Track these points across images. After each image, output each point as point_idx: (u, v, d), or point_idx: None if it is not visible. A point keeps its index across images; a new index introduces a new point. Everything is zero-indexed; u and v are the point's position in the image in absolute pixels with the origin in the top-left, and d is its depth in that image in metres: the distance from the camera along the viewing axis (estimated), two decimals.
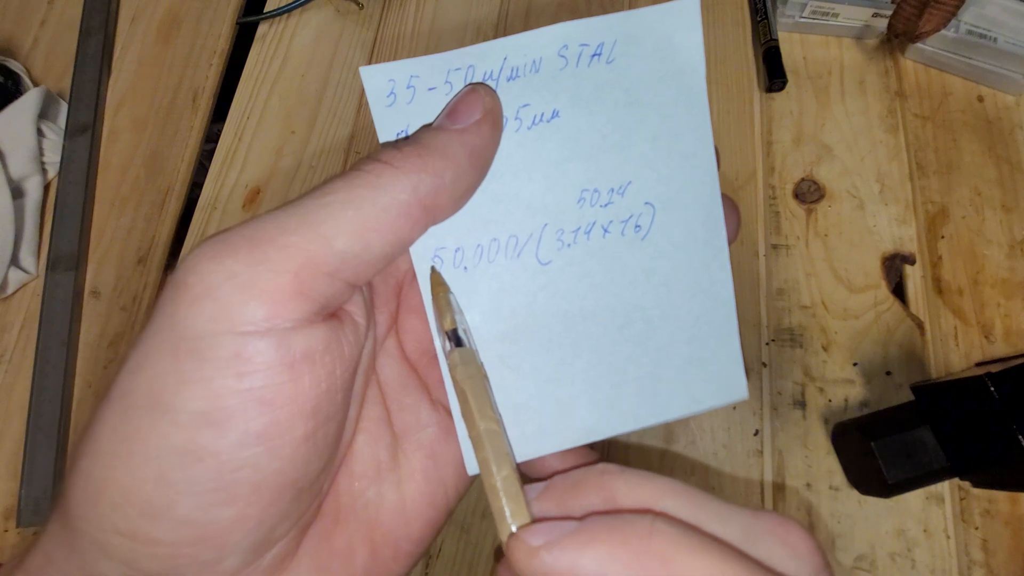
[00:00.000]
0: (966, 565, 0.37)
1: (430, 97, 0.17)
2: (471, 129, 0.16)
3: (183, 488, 0.13)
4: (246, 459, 0.13)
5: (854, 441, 0.37)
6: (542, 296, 0.18)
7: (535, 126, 0.17)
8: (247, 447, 0.13)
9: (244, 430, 0.13)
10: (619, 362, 0.18)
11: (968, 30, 0.46)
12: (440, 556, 0.39)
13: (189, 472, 0.13)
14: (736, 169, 0.46)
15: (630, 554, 0.13)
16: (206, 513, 0.13)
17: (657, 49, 0.18)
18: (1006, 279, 0.43)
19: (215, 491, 0.13)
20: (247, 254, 0.14)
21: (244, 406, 0.13)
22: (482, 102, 0.16)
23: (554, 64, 0.17)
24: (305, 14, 0.53)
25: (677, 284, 0.18)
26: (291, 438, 0.13)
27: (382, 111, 0.18)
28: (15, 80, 0.50)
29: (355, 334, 0.15)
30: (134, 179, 0.49)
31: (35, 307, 0.44)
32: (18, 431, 0.42)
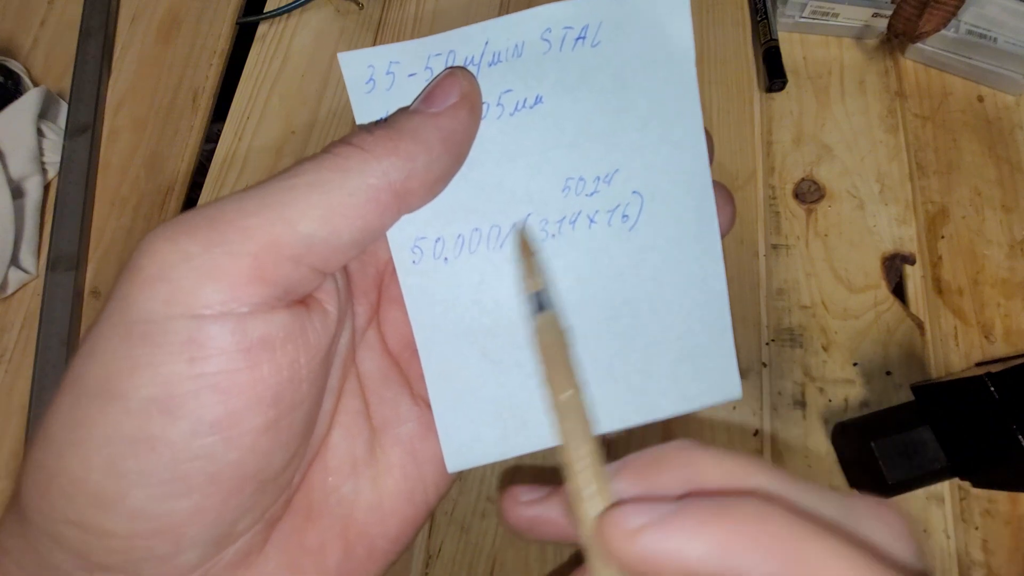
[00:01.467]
0: (966, 565, 0.37)
1: (410, 83, 0.17)
2: (446, 113, 0.15)
3: (135, 478, 0.12)
4: (201, 449, 0.12)
5: (854, 441, 0.37)
6: None
7: (518, 112, 0.17)
8: (201, 436, 0.12)
9: (198, 418, 0.12)
10: (607, 357, 0.18)
11: (968, 30, 0.46)
12: (440, 556, 0.39)
13: (141, 461, 0.12)
14: (736, 169, 0.46)
15: (745, 540, 0.12)
16: (160, 505, 0.12)
17: (645, 33, 0.16)
18: (1006, 279, 0.43)
19: (169, 482, 0.12)
20: (205, 235, 0.13)
21: (197, 393, 0.12)
22: (459, 86, 0.16)
23: (537, 48, 0.17)
24: (305, 14, 0.53)
25: (667, 277, 0.18)
26: (249, 427, 0.13)
27: (361, 97, 0.17)
28: (15, 80, 0.50)
29: (324, 323, 0.15)
30: (134, 179, 0.49)
31: (35, 307, 0.44)
32: (18, 431, 0.42)
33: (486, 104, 0.17)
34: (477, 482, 0.40)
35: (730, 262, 0.44)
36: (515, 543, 0.39)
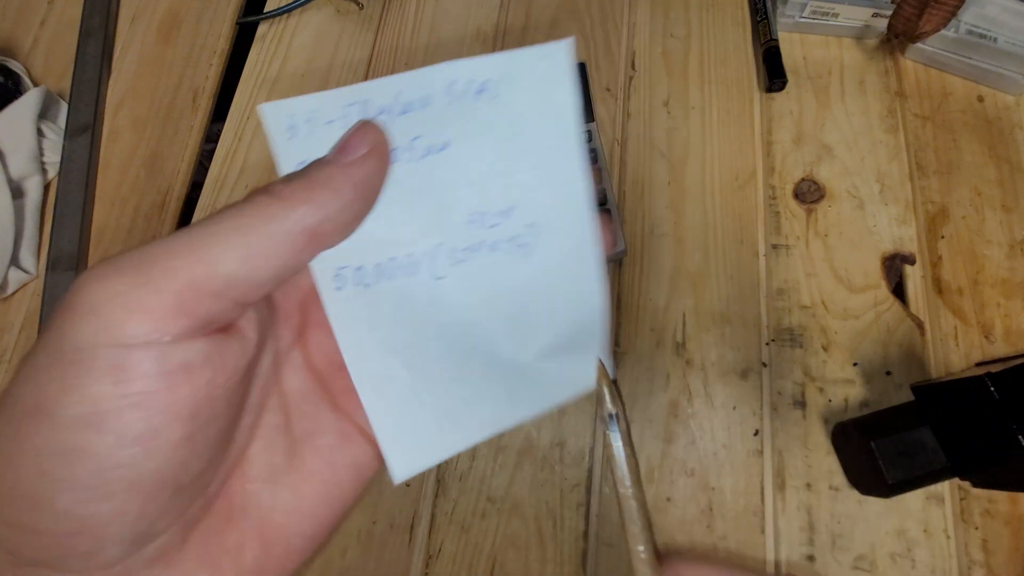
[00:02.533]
0: (966, 565, 0.37)
1: (328, 129, 0.18)
2: (357, 163, 0.17)
3: (63, 484, 0.14)
4: (123, 459, 0.14)
5: (854, 441, 0.37)
6: (439, 308, 0.20)
7: (427, 156, 0.19)
8: (124, 448, 0.14)
9: (121, 432, 0.14)
10: (509, 362, 0.20)
11: (968, 30, 0.46)
12: (440, 556, 0.39)
13: (68, 470, 0.14)
14: (736, 169, 0.46)
15: None
16: (85, 507, 0.14)
17: (534, 87, 0.19)
18: (1006, 279, 0.43)
19: (94, 487, 0.14)
20: (131, 276, 0.14)
21: (120, 410, 0.14)
22: (369, 138, 0.18)
23: (443, 99, 0.19)
24: (305, 14, 0.53)
25: (556, 295, 0.20)
26: (167, 440, 0.14)
27: (283, 144, 0.18)
28: (15, 80, 0.50)
29: (242, 347, 0.16)
30: (134, 179, 0.49)
31: (35, 307, 0.44)
32: None
33: (399, 148, 0.19)
34: (477, 482, 0.40)
35: (730, 262, 0.44)
36: (515, 543, 0.39)
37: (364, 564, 0.39)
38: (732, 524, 0.39)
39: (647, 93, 0.49)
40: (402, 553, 0.39)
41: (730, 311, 0.43)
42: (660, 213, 0.45)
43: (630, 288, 0.44)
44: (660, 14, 0.51)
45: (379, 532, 0.39)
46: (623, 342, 0.43)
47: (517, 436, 0.41)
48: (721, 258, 0.44)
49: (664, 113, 0.48)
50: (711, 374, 0.42)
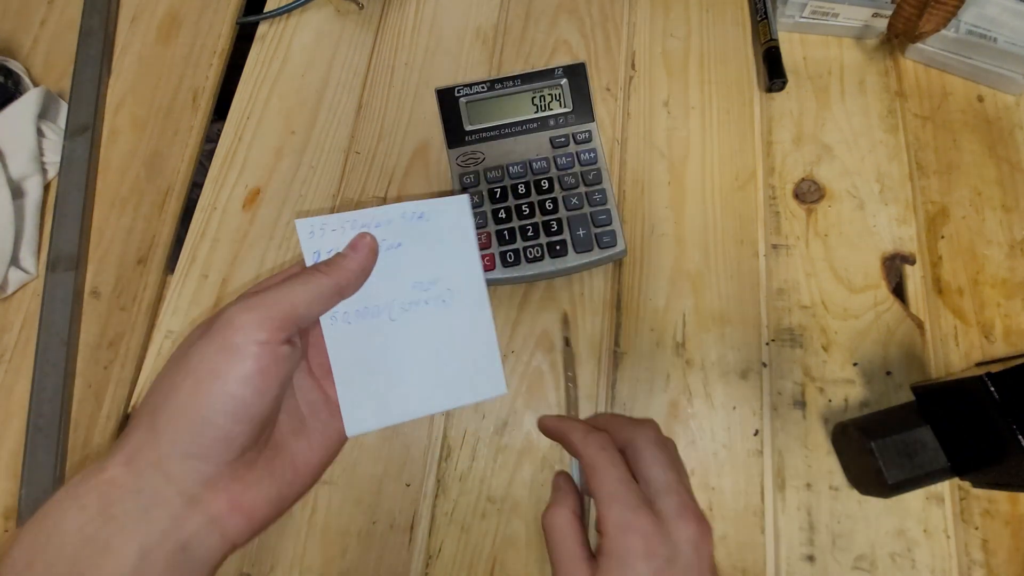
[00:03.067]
0: (966, 565, 0.37)
1: (333, 235, 0.32)
2: (360, 256, 0.31)
3: (220, 411, 0.25)
4: (246, 396, 0.25)
5: (854, 441, 0.37)
6: (393, 337, 0.33)
7: (390, 250, 0.33)
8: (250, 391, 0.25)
9: (254, 384, 0.25)
10: (436, 371, 0.34)
11: (968, 30, 0.46)
12: (440, 556, 0.39)
13: (226, 406, 0.25)
14: (736, 169, 0.46)
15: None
16: (230, 425, 0.25)
17: (448, 217, 0.34)
18: (1006, 279, 0.43)
19: (233, 413, 0.25)
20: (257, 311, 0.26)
21: (253, 375, 0.25)
22: (366, 241, 0.31)
23: (399, 221, 0.33)
24: (305, 14, 0.53)
25: (463, 328, 0.34)
26: (268, 393, 0.26)
27: (307, 241, 0.32)
28: (15, 80, 0.50)
29: (297, 353, 0.28)
30: (134, 179, 0.49)
31: (35, 307, 0.44)
32: (18, 431, 0.42)
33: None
34: (477, 483, 0.40)
35: (730, 262, 0.44)
36: (515, 543, 0.39)
37: (364, 564, 0.39)
38: (732, 524, 0.39)
39: (647, 93, 0.49)
40: (402, 553, 0.39)
41: (730, 311, 0.43)
42: (660, 213, 0.45)
43: (630, 288, 0.44)
44: (660, 14, 0.51)
45: (379, 532, 0.39)
46: (623, 342, 0.43)
47: (517, 436, 0.41)
48: (721, 258, 0.44)
49: (664, 113, 0.48)
50: (711, 374, 0.42)
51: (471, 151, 0.45)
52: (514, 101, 0.46)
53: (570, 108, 0.46)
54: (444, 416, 0.42)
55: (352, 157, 0.48)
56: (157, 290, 0.46)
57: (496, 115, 0.46)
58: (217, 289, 0.45)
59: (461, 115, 0.46)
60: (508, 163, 0.45)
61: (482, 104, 0.46)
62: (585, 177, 0.44)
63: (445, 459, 0.41)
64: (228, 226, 0.46)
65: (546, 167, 0.45)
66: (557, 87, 0.46)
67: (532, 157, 0.45)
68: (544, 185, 0.44)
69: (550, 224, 0.43)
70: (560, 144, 0.45)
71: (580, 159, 0.45)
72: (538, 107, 0.46)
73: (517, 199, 0.44)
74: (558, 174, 0.45)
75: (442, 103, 0.46)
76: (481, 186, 0.44)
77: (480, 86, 0.46)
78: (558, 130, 0.46)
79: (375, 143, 0.48)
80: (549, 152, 0.45)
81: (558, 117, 0.46)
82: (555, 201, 0.44)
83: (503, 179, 0.45)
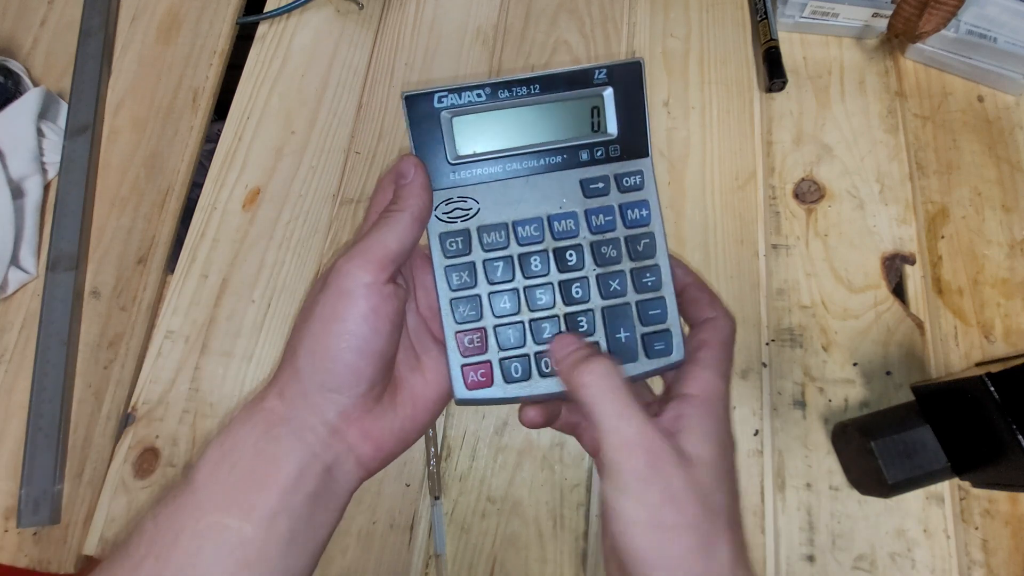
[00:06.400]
0: (966, 565, 0.37)
1: None
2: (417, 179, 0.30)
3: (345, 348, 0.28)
4: (365, 333, 0.28)
5: (854, 441, 0.37)
6: None
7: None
8: (368, 329, 0.28)
9: (370, 322, 0.28)
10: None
11: (968, 30, 0.46)
12: (440, 556, 0.39)
13: (350, 343, 0.27)
14: (736, 169, 0.46)
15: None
16: (353, 357, 0.28)
17: None
18: (1006, 279, 0.43)
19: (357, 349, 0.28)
20: (358, 258, 0.28)
21: (366, 314, 0.27)
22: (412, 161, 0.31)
23: None
24: (305, 14, 0.53)
25: None
26: (384, 330, 0.28)
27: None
28: (15, 80, 0.50)
29: (402, 291, 0.29)
30: (134, 179, 0.49)
31: (35, 307, 0.44)
32: (18, 431, 0.42)
33: None
34: (477, 483, 0.40)
35: (730, 262, 0.44)
36: (515, 543, 0.39)
37: (364, 564, 0.39)
38: None
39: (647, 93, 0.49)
40: (402, 553, 0.39)
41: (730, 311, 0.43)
42: None
43: None
44: (660, 14, 0.51)
45: (379, 532, 0.39)
46: None
47: (517, 436, 0.41)
48: (721, 258, 0.44)
49: (664, 113, 0.48)
50: None
51: (459, 197, 0.31)
52: (528, 118, 0.31)
53: (615, 134, 0.31)
54: (444, 416, 0.42)
55: (352, 157, 0.48)
56: (157, 290, 0.46)
57: (499, 138, 0.31)
58: (217, 289, 0.45)
59: (444, 137, 0.30)
60: (516, 219, 0.30)
61: (477, 121, 0.30)
62: (632, 246, 0.30)
63: (445, 459, 0.41)
64: (228, 226, 0.46)
65: (574, 228, 0.30)
66: (597, 98, 0.31)
67: (553, 211, 0.30)
68: (570, 258, 0.30)
69: (577, 319, 0.30)
70: (596, 191, 0.31)
71: (626, 217, 0.30)
72: (565, 129, 0.31)
73: (528, 278, 0.30)
74: (591, 240, 0.30)
75: (412, 118, 0.30)
76: (473, 255, 0.30)
77: (474, 92, 0.30)
78: (594, 168, 0.31)
79: (375, 143, 0.48)
80: (579, 203, 0.31)
81: (595, 147, 0.31)
82: (585, 284, 0.30)
83: (507, 244, 0.30)
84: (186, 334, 0.44)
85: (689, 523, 0.25)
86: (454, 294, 0.30)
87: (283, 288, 0.45)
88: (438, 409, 0.32)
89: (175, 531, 0.26)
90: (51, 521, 0.40)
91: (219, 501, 0.26)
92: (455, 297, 0.30)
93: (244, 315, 0.44)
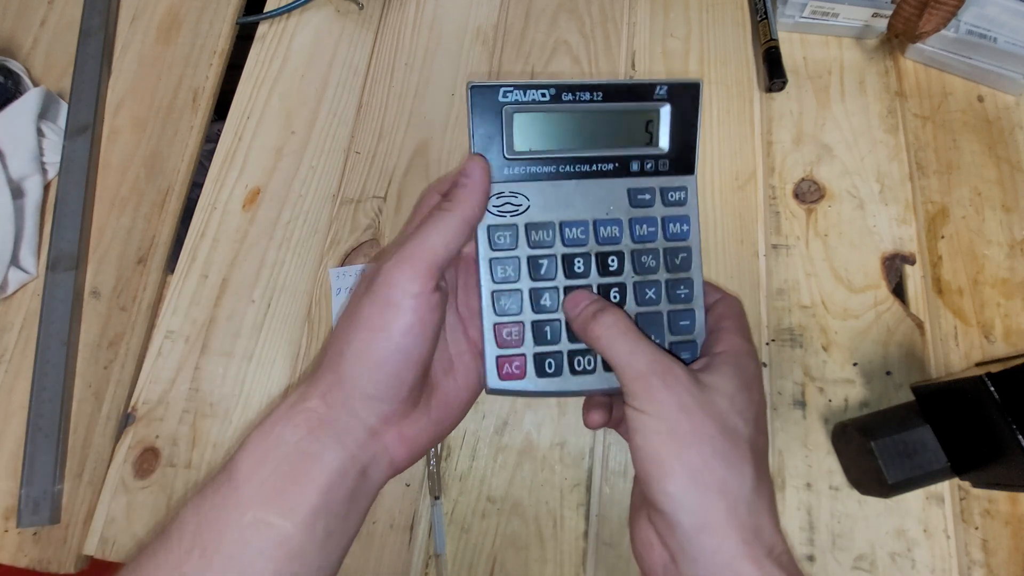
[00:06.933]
0: (966, 565, 0.37)
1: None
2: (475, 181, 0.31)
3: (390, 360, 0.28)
4: (409, 344, 0.28)
5: (854, 441, 0.37)
6: None
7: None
8: (413, 339, 0.28)
9: (415, 333, 0.28)
10: None
11: (968, 30, 0.46)
12: (440, 556, 0.39)
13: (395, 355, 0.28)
14: (736, 169, 0.46)
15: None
16: (395, 366, 0.28)
17: None
18: (1006, 279, 0.43)
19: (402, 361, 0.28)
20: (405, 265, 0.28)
21: (412, 324, 0.28)
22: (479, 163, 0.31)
23: None
24: (305, 14, 0.53)
25: None
26: (428, 340, 0.29)
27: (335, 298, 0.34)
28: (15, 80, 0.50)
29: (445, 296, 0.30)
30: (134, 179, 0.49)
31: (35, 307, 0.44)
32: (18, 431, 0.42)
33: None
34: (477, 483, 0.40)
35: (730, 262, 0.44)
36: (515, 543, 0.39)
37: (364, 564, 0.39)
38: None
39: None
40: (402, 553, 0.39)
41: None
42: None
43: None
44: (660, 14, 0.51)
45: (379, 532, 0.39)
46: None
47: (517, 436, 0.41)
48: (721, 258, 0.44)
49: None
50: None
51: (511, 192, 0.32)
52: (586, 124, 0.32)
53: (666, 149, 0.32)
54: None
55: (352, 157, 0.48)
56: (157, 290, 0.46)
57: (556, 139, 0.32)
58: (217, 289, 0.45)
59: (503, 131, 0.31)
60: (564, 220, 0.31)
61: (537, 120, 0.31)
62: (670, 259, 0.32)
63: (445, 459, 0.41)
64: (228, 226, 0.46)
65: (617, 235, 0.32)
66: (654, 113, 0.32)
67: (600, 216, 0.32)
68: (612, 263, 0.32)
69: None
70: (642, 202, 0.32)
71: (667, 230, 0.32)
72: (620, 139, 0.32)
73: (570, 278, 0.31)
74: (632, 248, 0.32)
75: (476, 109, 0.31)
76: (519, 250, 0.31)
77: (539, 91, 0.31)
78: (642, 179, 0.32)
79: (375, 143, 0.48)
80: (625, 211, 0.32)
81: (646, 160, 0.32)
82: (623, 289, 0.32)
83: (553, 243, 0.31)
84: (186, 334, 0.44)
85: (706, 434, 0.26)
86: (496, 287, 0.31)
87: (283, 288, 0.45)
88: (466, 409, 0.33)
89: (220, 525, 0.26)
90: (51, 521, 0.40)
91: (262, 498, 0.26)
92: (497, 290, 0.31)
93: (244, 315, 0.44)
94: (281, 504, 0.26)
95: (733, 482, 0.26)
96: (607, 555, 0.38)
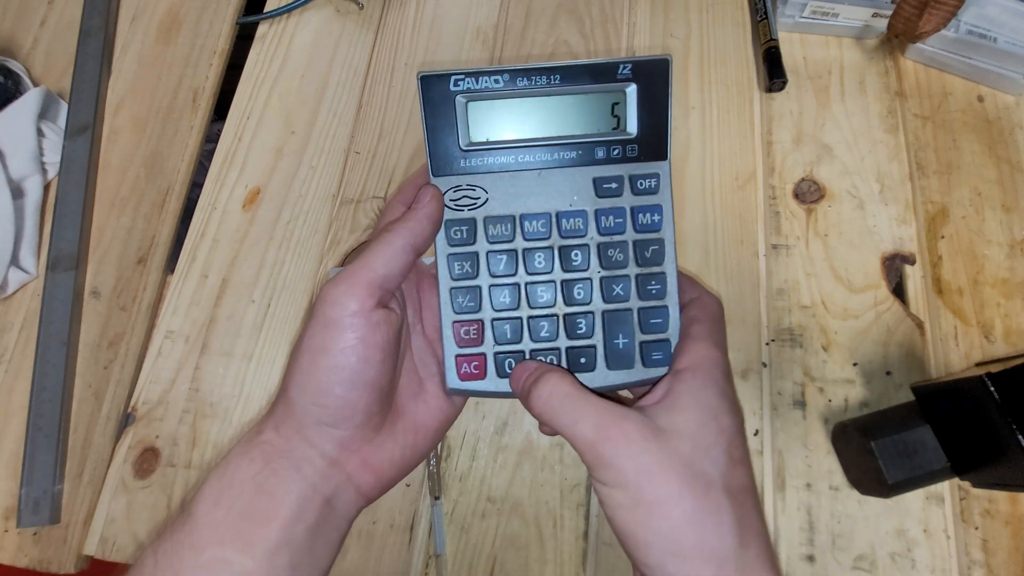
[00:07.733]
0: (966, 565, 0.37)
1: None
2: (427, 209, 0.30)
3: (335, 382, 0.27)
4: (353, 364, 0.27)
5: (854, 441, 0.37)
6: None
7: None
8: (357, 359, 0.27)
9: (358, 353, 0.27)
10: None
11: (968, 30, 0.46)
12: (440, 556, 0.39)
13: (338, 376, 0.27)
14: (736, 169, 0.46)
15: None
16: (344, 391, 0.27)
17: None
18: (1006, 279, 0.43)
19: (347, 382, 0.27)
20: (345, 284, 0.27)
21: (354, 344, 0.27)
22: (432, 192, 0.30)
23: None
24: (305, 14, 0.53)
25: None
26: (374, 359, 0.27)
27: None
28: (15, 80, 0.50)
29: (396, 316, 0.29)
30: (134, 179, 0.49)
31: (35, 307, 0.44)
32: (18, 431, 0.42)
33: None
34: (477, 483, 0.40)
35: (730, 262, 0.44)
36: (515, 543, 0.39)
37: (364, 564, 0.39)
38: None
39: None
40: (402, 553, 0.39)
41: (730, 311, 0.43)
42: None
43: None
44: (660, 14, 0.51)
45: (379, 532, 0.39)
46: None
47: (517, 436, 0.41)
48: (721, 258, 0.44)
49: None
50: None
51: (468, 185, 0.30)
52: (545, 109, 0.30)
53: (634, 133, 0.30)
54: None
55: (352, 157, 0.48)
56: (157, 290, 0.46)
57: (513, 128, 0.30)
58: (217, 289, 0.45)
59: (457, 121, 0.30)
60: (524, 213, 0.30)
61: (493, 108, 0.30)
62: (640, 252, 0.30)
63: (445, 459, 0.41)
64: (228, 226, 0.46)
65: (582, 227, 0.30)
66: (619, 94, 0.30)
67: (562, 208, 0.30)
68: (575, 258, 0.30)
69: (576, 320, 0.30)
70: (609, 192, 0.30)
71: (637, 221, 0.30)
72: (583, 124, 0.30)
73: (531, 275, 0.30)
74: (599, 241, 0.30)
75: (427, 100, 0.30)
76: (477, 245, 0.30)
77: (492, 77, 0.29)
78: (609, 167, 0.30)
79: (375, 143, 0.48)
80: (590, 202, 0.30)
81: (612, 146, 0.30)
82: (588, 285, 0.30)
83: (512, 238, 0.30)
84: (186, 334, 0.44)
85: (672, 494, 0.24)
86: (454, 283, 0.30)
87: (283, 288, 0.45)
88: (440, 435, 0.32)
89: (178, 564, 0.26)
90: (51, 521, 0.40)
91: (220, 535, 0.26)
92: (455, 286, 0.30)
93: (244, 315, 0.44)
94: (239, 540, 0.26)
95: (712, 542, 0.24)
96: (607, 555, 0.38)
